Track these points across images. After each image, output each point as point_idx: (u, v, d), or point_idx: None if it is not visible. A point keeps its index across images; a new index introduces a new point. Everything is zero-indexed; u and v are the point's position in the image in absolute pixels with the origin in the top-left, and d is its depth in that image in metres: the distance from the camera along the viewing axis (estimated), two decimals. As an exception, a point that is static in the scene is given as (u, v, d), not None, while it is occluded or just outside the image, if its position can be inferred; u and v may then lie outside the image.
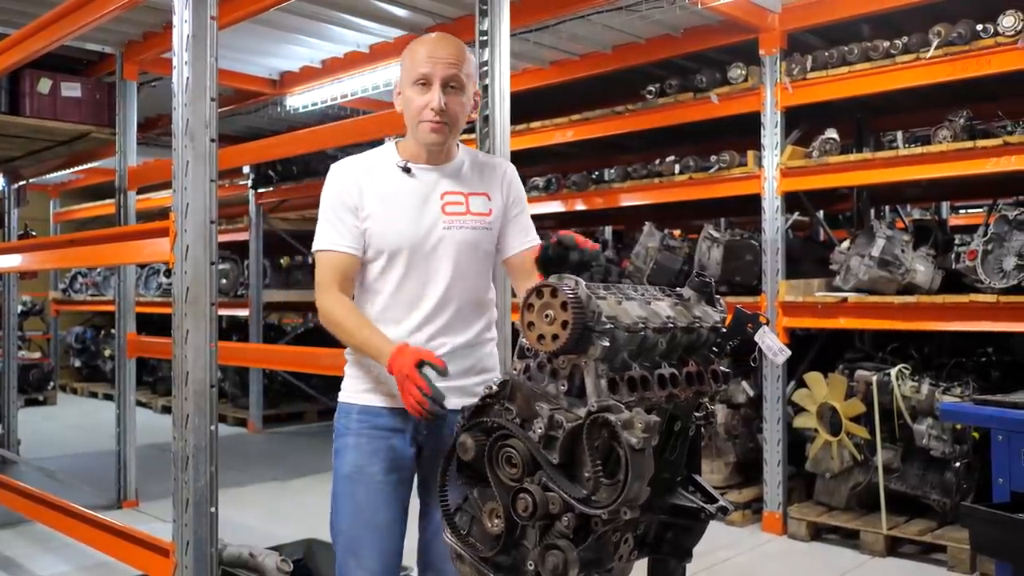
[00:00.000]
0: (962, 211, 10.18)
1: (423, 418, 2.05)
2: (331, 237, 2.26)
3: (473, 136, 3.47)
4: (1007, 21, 4.09)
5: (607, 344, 1.70)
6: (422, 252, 2.25)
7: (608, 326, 1.72)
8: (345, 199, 2.26)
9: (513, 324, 3.38)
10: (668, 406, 1.84)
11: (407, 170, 2.30)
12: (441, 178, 2.31)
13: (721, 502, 1.98)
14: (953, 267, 4.62)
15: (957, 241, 5.51)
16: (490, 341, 2.41)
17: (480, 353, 2.35)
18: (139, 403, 5.70)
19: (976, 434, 4.31)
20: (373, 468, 2.25)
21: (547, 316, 1.72)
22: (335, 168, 2.33)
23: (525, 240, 2.38)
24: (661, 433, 1.80)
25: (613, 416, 1.60)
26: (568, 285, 1.71)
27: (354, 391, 2.32)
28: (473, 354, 2.33)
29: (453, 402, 2.24)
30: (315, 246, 2.30)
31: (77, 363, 11.72)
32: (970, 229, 8.08)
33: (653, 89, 5.41)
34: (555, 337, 1.70)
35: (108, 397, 10.40)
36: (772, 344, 1.98)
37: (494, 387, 1.83)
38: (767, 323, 2.01)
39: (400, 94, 2.31)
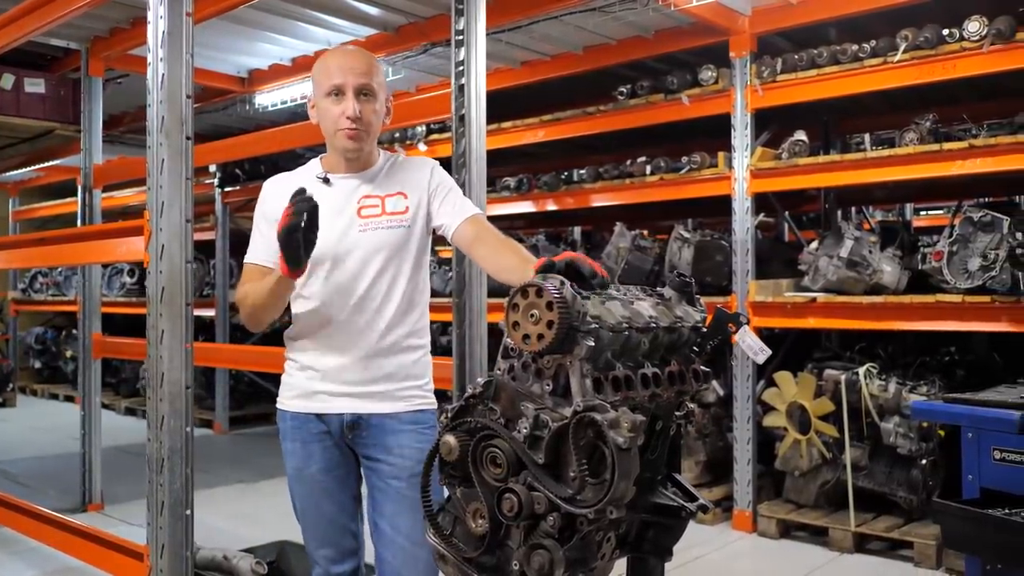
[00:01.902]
0: (924, 213, 10.36)
1: (296, 211, 2.08)
2: (252, 251, 2.43)
3: (448, 136, 3.46)
4: (972, 26, 4.17)
5: (592, 344, 1.70)
6: (341, 258, 2.33)
7: (593, 326, 1.72)
8: (268, 214, 2.39)
9: (492, 324, 3.39)
10: (651, 405, 1.85)
11: (326, 180, 2.39)
12: (360, 184, 2.39)
13: (701, 500, 1.99)
14: (919, 268, 4.70)
15: (922, 242, 5.60)
16: (417, 348, 2.42)
17: (404, 359, 2.38)
18: (102, 405, 5.61)
19: (942, 432, 4.38)
20: (311, 469, 2.39)
21: (532, 316, 1.71)
22: (264, 185, 2.47)
23: (461, 214, 2.38)
24: (644, 433, 1.81)
25: (599, 416, 1.60)
26: (553, 284, 1.71)
27: (285, 398, 2.46)
28: (395, 359, 2.36)
29: (377, 407, 2.35)
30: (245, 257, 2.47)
31: (37, 364, 11.50)
32: (933, 230, 8.24)
33: (624, 90, 5.43)
34: (540, 337, 1.70)
35: (69, 399, 10.24)
36: (752, 344, 2.00)
37: (478, 387, 1.83)
38: (747, 323, 2.03)
39: (314, 107, 2.40)
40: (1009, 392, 3.37)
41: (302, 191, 2.11)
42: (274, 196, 2.42)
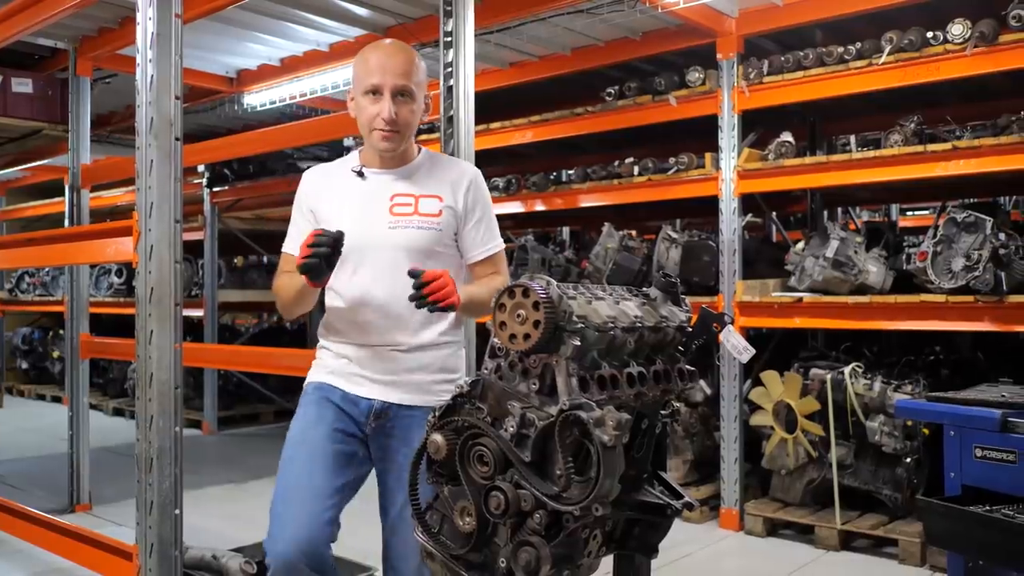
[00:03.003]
0: (909, 213, 10.44)
1: (315, 254, 2.14)
2: (288, 241, 2.46)
3: (436, 136, 3.48)
4: (956, 29, 4.21)
5: (578, 343, 1.73)
6: (368, 252, 2.34)
7: (579, 325, 1.74)
8: (302, 204, 2.45)
9: (480, 325, 3.40)
10: (636, 404, 1.88)
11: (360, 174, 2.41)
12: (394, 180, 2.40)
13: (686, 498, 2.02)
14: (904, 268, 4.74)
15: (907, 242, 5.64)
16: (453, 343, 2.45)
17: (439, 353, 2.40)
18: (90, 405, 5.59)
19: (926, 430, 4.42)
20: (319, 429, 2.31)
21: (519, 316, 1.74)
22: (303, 175, 2.49)
23: (482, 249, 2.44)
24: (629, 431, 1.83)
25: (585, 414, 1.63)
26: (540, 285, 1.74)
27: (315, 373, 2.44)
28: (430, 352, 2.38)
29: (408, 397, 2.36)
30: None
31: (24, 365, 11.44)
32: (918, 230, 8.30)
33: (612, 91, 5.46)
34: (527, 336, 1.72)
35: (56, 399, 10.20)
36: (737, 343, 2.02)
37: (465, 386, 1.85)
38: (731, 323, 2.06)
39: (353, 100, 2.41)
40: (991, 391, 3.41)
41: (321, 235, 2.15)
42: (311, 186, 2.46)
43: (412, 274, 2.14)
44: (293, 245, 2.42)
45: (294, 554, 2.15)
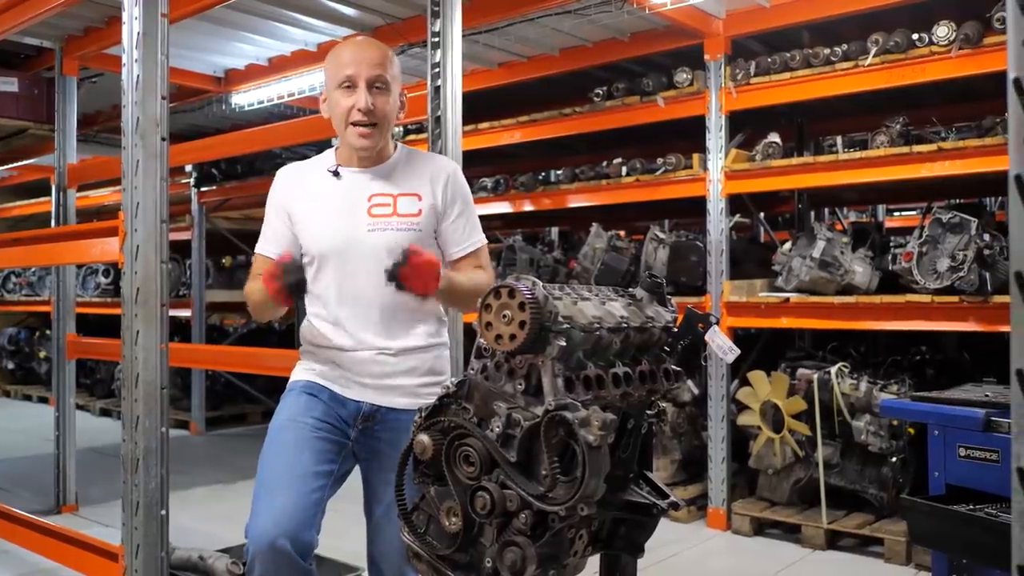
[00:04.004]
0: (896, 214, 10.48)
1: (277, 290, 2.12)
2: (261, 242, 2.41)
3: (424, 136, 3.49)
4: (941, 31, 4.23)
5: (564, 344, 1.73)
6: (348, 256, 2.29)
7: (565, 326, 1.75)
8: (277, 204, 2.39)
9: (467, 325, 3.41)
10: (622, 404, 1.88)
11: (336, 174, 2.35)
12: (371, 180, 2.35)
13: (672, 498, 2.02)
14: (890, 268, 4.77)
15: (893, 243, 5.67)
16: (439, 345, 2.43)
17: (426, 356, 2.38)
18: (77, 406, 5.57)
19: (911, 430, 4.45)
20: (306, 419, 2.27)
21: (505, 316, 1.74)
22: (277, 174, 2.43)
23: (463, 245, 2.39)
24: (615, 431, 1.84)
25: (570, 414, 1.63)
26: (526, 285, 1.74)
27: (301, 373, 2.40)
28: (418, 356, 2.36)
29: (397, 401, 2.33)
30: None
31: (10, 365, 11.38)
32: (904, 231, 8.34)
33: (600, 92, 5.47)
34: (512, 337, 1.73)
35: (43, 400, 10.15)
36: (722, 343, 2.03)
37: (451, 387, 1.85)
38: (717, 323, 2.06)
39: (326, 100, 2.35)
40: (975, 391, 3.43)
41: (284, 268, 2.13)
42: (286, 186, 2.40)
43: (404, 254, 2.10)
44: (268, 247, 2.38)
45: (279, 534, 2.09)
